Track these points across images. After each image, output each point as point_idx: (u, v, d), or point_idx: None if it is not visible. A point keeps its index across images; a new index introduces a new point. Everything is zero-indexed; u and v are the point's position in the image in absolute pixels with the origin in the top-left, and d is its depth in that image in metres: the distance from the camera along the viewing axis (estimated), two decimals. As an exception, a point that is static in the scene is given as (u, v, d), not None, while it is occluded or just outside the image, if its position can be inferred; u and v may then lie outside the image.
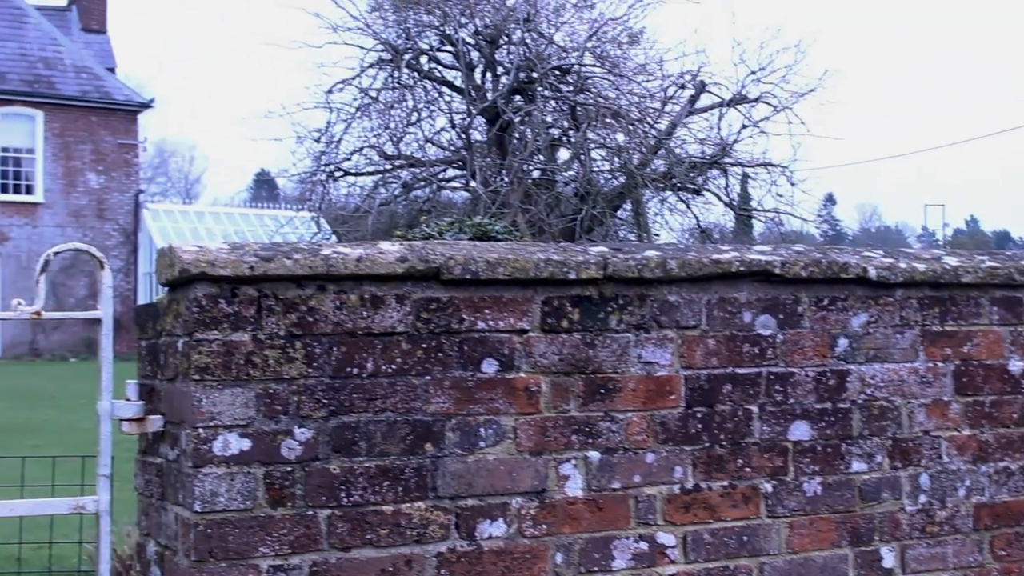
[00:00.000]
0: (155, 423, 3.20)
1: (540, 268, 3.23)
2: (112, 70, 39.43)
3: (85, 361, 33.43)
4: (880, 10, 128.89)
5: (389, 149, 20.48)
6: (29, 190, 35.34)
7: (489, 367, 3.21)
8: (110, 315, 3.26)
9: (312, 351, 3.04)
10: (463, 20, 20.25)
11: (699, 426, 3.44)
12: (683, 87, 20.46)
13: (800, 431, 3.58)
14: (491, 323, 3.21)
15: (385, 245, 3.16)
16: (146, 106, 37.42)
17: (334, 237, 20.32)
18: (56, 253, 3.22)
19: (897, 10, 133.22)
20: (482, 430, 3.19)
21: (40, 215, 35.21)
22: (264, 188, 68.50)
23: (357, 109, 20.33)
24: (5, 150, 35.11)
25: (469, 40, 20.38)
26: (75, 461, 4.82)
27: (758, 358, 3.53)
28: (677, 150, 19.90)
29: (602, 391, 3.33)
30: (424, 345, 3.15)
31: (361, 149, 20.69)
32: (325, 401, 3.05)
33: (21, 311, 3.16)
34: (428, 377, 3.15)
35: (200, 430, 2.93)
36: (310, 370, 3.04)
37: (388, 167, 20.71)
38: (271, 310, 3.00)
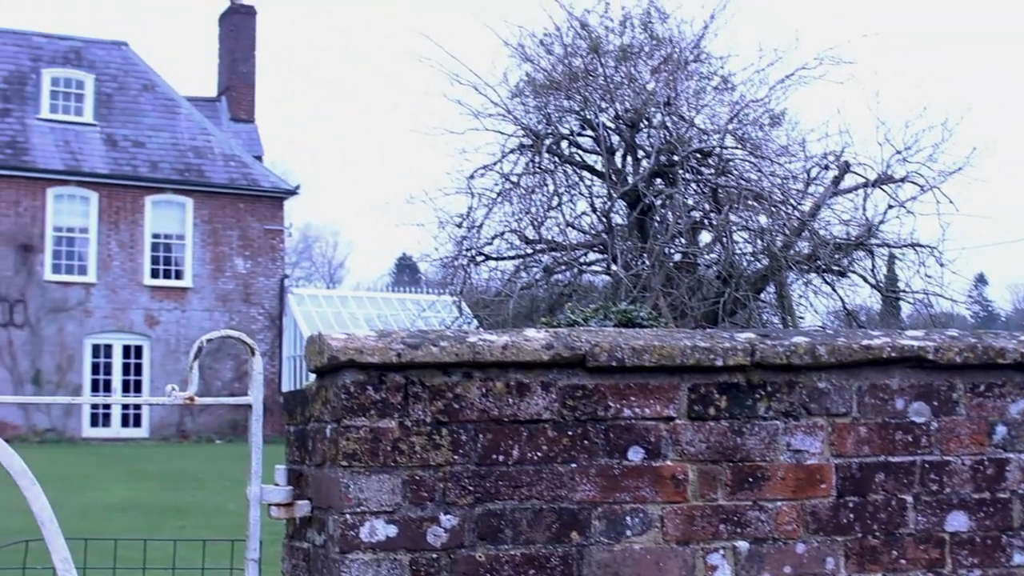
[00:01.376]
0: (303, 508, 3.22)
1: (686, 355, 3.20)
2: (259, 158, 40.48)
3: (230, 443, 34.05)
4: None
5: (530, 233, 20.58)
6: (179, 275, 36.30)
7: (635, 455, 3.17)
8: (260, 401, 3.30)
9: (458, 438, 3.04)
10: (603, 105, 20.35)
11: (851, 516, 3.35)
12: (827, 168, 20.24)
13: (957, 522, 3.46)
14: (637, 410, 3.18)
15: (531, 332, 3.16)
16: (292, 193, 38.26)
17: (475, 321, 20.43)
18: (208, 340, 3.28)
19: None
20: (628, 519, 3.15)
21: (189, 299, 36.12)
22: (406, 272, 69.38)
23: (498, 194, 20.51)
24: (156, 236, 36.16)
25: (609, 124, 20.46)
26: (224, 544, 4.88)
27: (912, 446, 3.43)
28: (821, 231, 19.65)
29: (750, 480, 3.26)
30: (570, 432, 3.13)
31: (502, 233, 20.83)
32: (471, 488, 3.04)
33: (175, 396, 3.22)
34: (574, 465, 3.12)
35: (347, 516, 2.94)
36: (456, 457, 3.04)
37: (529, 251, 20.80)
38: (418, 397, 3.02)
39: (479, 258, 20.98)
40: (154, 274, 35.93)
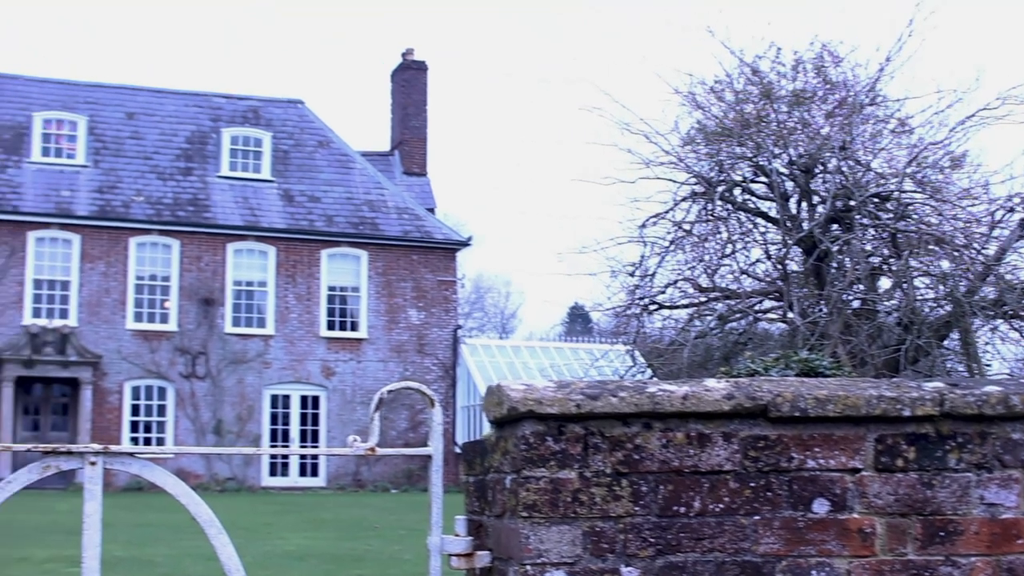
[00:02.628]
0: (483, 559, 3.22)
1: (872, 405, 3.11)
2: (432, 210, 41.06)
3: (405, 492, 34.37)
4: None
5: (703, 281, 20.40)
6: (354, 327, 36.94)
7: (820, 507, 3.10)
8: (440, 452, 3.32)
9: (638, 489, 3.01)
10: (776, 150, 20.10)
11: (1051, 573, 3.21)
12: (1012, 210, 19.64)
13: None
14: (821, 462, 3.11)
15: (711, 382, 3.12)
16: (464, 244, 38.69)
17: (649, 371, 20.30)
18: (389, 391, 3.31)
19: None
20: (814, 572, 3.07)
21: (364, 350, 36.71)
22: (578, 322, 69.40)
23: (671, 242, 20.39)
24: (332, 289, 36.89)
25: (783, 170, 20.21)
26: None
27: (1115, 500, 3.28)
28: (1008, 276, 19.04)
29: (942, 534, 3.15)
30: (752, 484, 3.07)
31: (675, 282, 20.70)
32: (652, 540, 3.00)
33: (357, 447, 3.26)
34: (757, 517, 3.06)
35: (528, 567, 2.93)
36: (636, 508, 3.01)
37: (703, 299, 20.60)
38: (597, 448, 3.00)
39: (652, 307, 20.87)
40: (330, 326, 36.64)
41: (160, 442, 34.49)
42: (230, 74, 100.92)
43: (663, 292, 20.76)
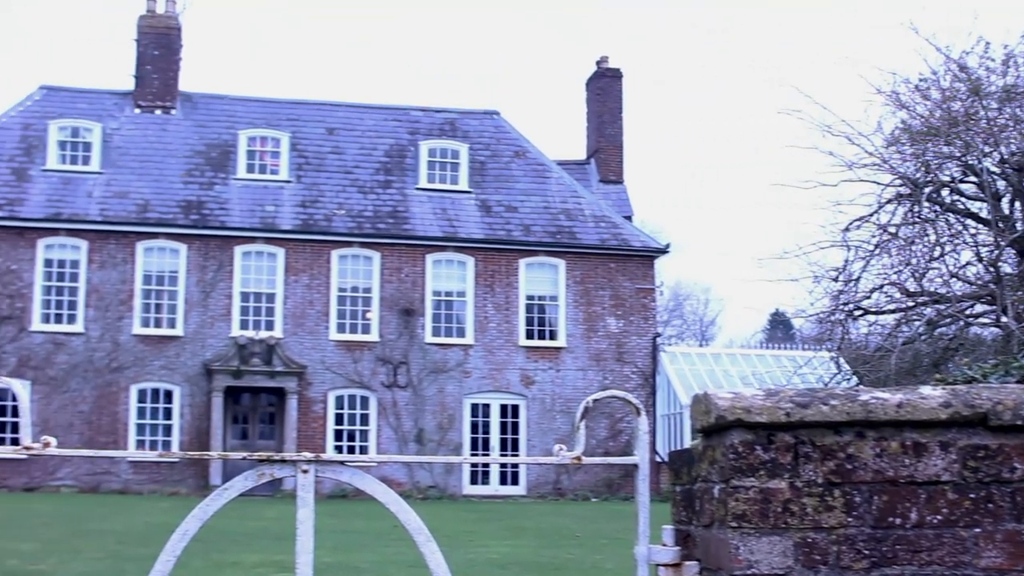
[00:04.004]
0: (691, 569, 3.17)
1: (1102, 412, 2.96)
2: (629, 218, 40.97)
3: (605, 501, 34.31)
4: None
5: (911, 286, 19.90)
6: (553, 335, 37.07)
7: (1046, 520, 2.96)
8: (646, 461, 3.28)
9: (852, 500, 2.93)
10: (987, 149, 19.48)
11: None
12: None
13: None
14: (1047, 472, 2.97)
15: (926, 390, 3.01)
16: (662, 251, 38.46)
17: (854, 378, 19.87)
18: (595, 400, 3.29)
19: None
20: (1041, 588, 2.94)
21: (563, 359, 36.81)
22: (779, 328, 68.43)
23: (876, 246, 19.95)
24: (530, 298, 37.11)
25: (994, 169, 19.58)
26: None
27: None
28: None
29: None
30: (972, 495, 2.95)
31: (881, 287, 20.23)
32: (867, 552, 2.92)
33: (562, 456, 3.25)
34: (977, 529, 2.94)
35: (738, 579, 2.87)
36: (850, 519, 2.92)
37: (910, 304, 20.09)
38: (808, 457, 2.93)
39: (857, 312, 20.44)
40: (529, 335, 36.85)
41: (363, 450, 35.17)
42: (427, 88, 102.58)
43: (868, 297, 20.32)
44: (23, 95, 38.80)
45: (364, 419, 35.68)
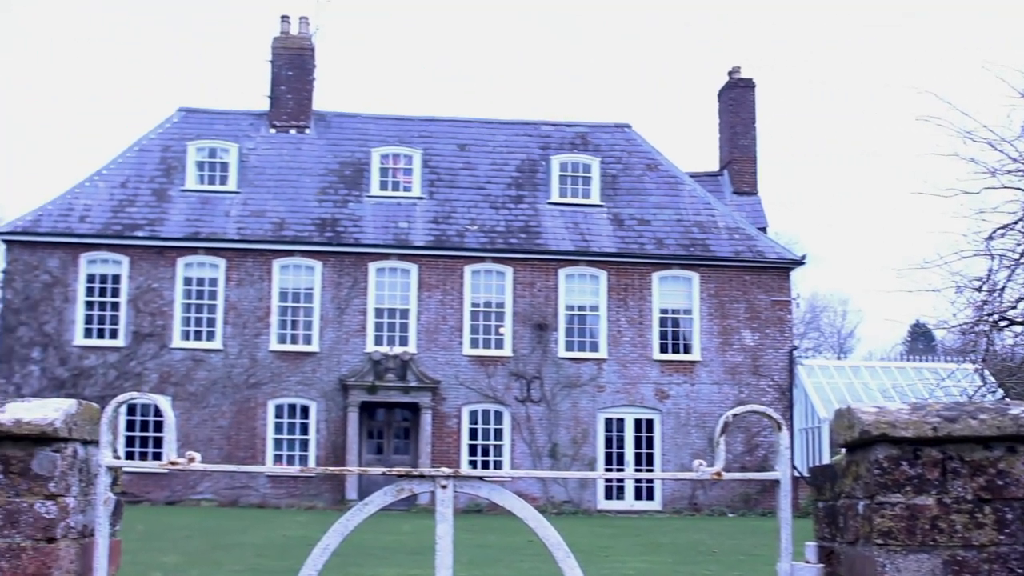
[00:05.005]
0: (835, 589, 3.05)
1: None
2: (763, 229, 40.48)
3: (742, 517, 33.89)
4: None
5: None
6: (687, 349, 36.75)
7: None
8: (788, 477, 3.17)
9: (1003, 516, 2.79)
10: None
11: None
12: None
13: None
14: None
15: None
16: (798, 263, 37.91)
17: (1000, 391, 19.32)
18: (735, 415, 3.20)
19: None
20: None
21: (698, 373, 36.47)
22: (920, 340, 67.07)
23: (1021, 254, 19.37)
24: (664, 311, 36.84)
25: None
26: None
27: None
28: None
29: None
30: None
31: (1027, 296, 19.64)
32: (1019, 571, 2.77)
33: (702, 471, 3.16)
34: None
35: (884, 600, 2.75)
36: (1002, 537, 2.79)
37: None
38: (956, 472, 2.80)
39: (1002, 323, 19.84)
40: (663, 348, 36.59)
41: (497, 465, 35.25)
42: (557, 102, 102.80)
43: (1014, 307, 19.72)
44: (162, 118, 39.77)
45: (498, 434, 35.75)
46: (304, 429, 35.27)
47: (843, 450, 3.08)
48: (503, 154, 39.66)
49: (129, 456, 32.95)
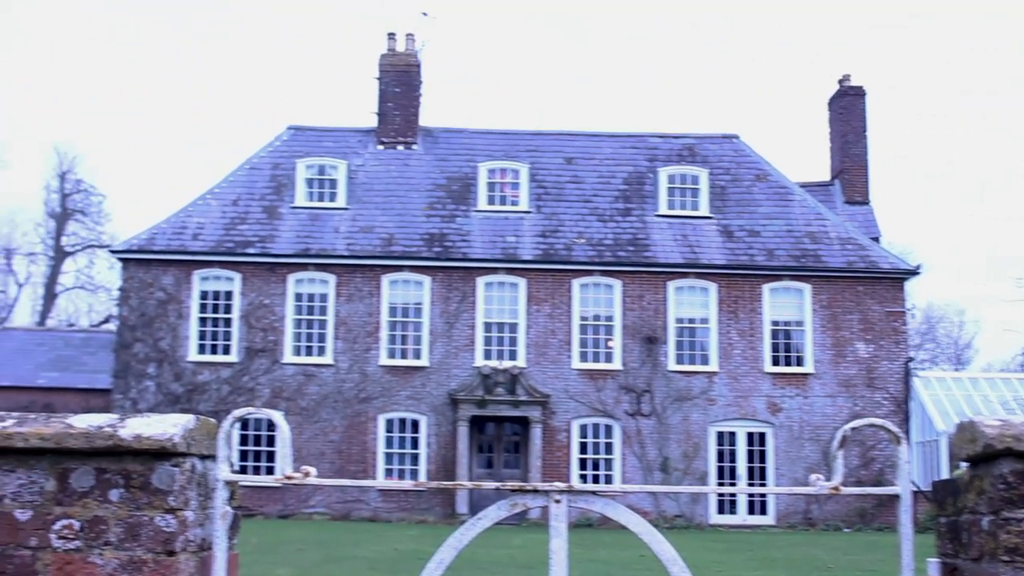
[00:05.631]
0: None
1: None
2: (876, 239, 39.87)
3: (858, 531, 33.36)
4: None
5: None
6: (799, 361, 36.28)
7: None
8: (908, 491, 3.09)
9: None
10: None
11: None
12: None
13: None
14: None
15: None
16: (912, 273, 37.25)
17: None
18: (853, 428, 3.13)
19: None
20: None
21: (810, 385, 35.99)
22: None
23: None
24: (775, 323, 36.42)
25: None
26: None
27: None
28: None
29: None
30: None
31: None
32: None
33: (820, 486, 3.10)
34: None
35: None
36: None
37: None
38: (1088, 487, 2.70)
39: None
40: (775, 361, 36.17)
41: (608, 479, 35.11)
42: (664, 114, 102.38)
43: None
44: (271, 136, 40.36)
45: (608, 448, 35.61)
46: (414, 443, 35.46)
47: (964, 464, 3.00)
48: (610, 167, 39.58)
49: (242, 470, 33.40)
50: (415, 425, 35.55)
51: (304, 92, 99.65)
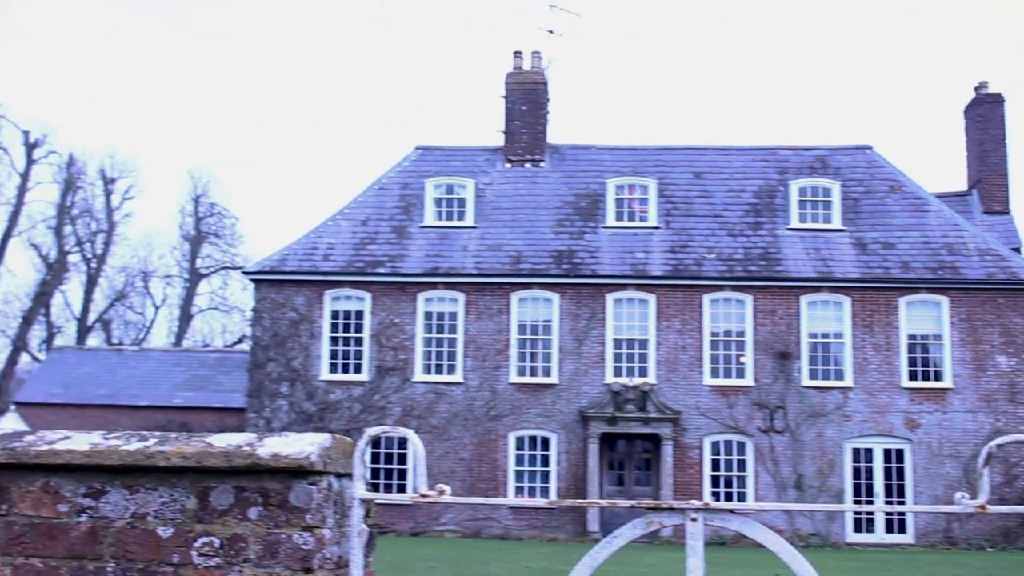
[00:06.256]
0: None
1: None
2: (1017, 250, 38.85)
3: (1002, 551, 32.46)
4: None
5: None
6: (938, 376, 35.45)
7: None
8: (1074, 510, 2.91)
9: None
10: None
11: None
12: None
13: None
14: None
15: None
16: (1054, 284, 36.16)
17: None
18: (999, 445, 2.96)
19: None
20: None
21: (950, 400, 35.13)
22: None
23: None
24: (912, 337, 35.65)
25: None
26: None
27: None
28: None
29: None
30: None
31: None
32: None
33: (965, 504, 2.93)
34: None
35: None
36: None
37: None
38: None
39: None
40: (912, 376, 35.39)
41: (740, 497, 34.67)
42: (795, 127, 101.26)
43: None
44: (399, 156, 40.78)
45: (741, 465, 35.17)
46: (544, 461, 35.41)
47: None
48: (739, 180, 39.19)
49: (372, 488, 33.66)
50: (545, 443, 35.50)
51: (431, 111, 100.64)
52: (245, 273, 39.28)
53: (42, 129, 66.73)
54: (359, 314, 36.57)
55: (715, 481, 35.06)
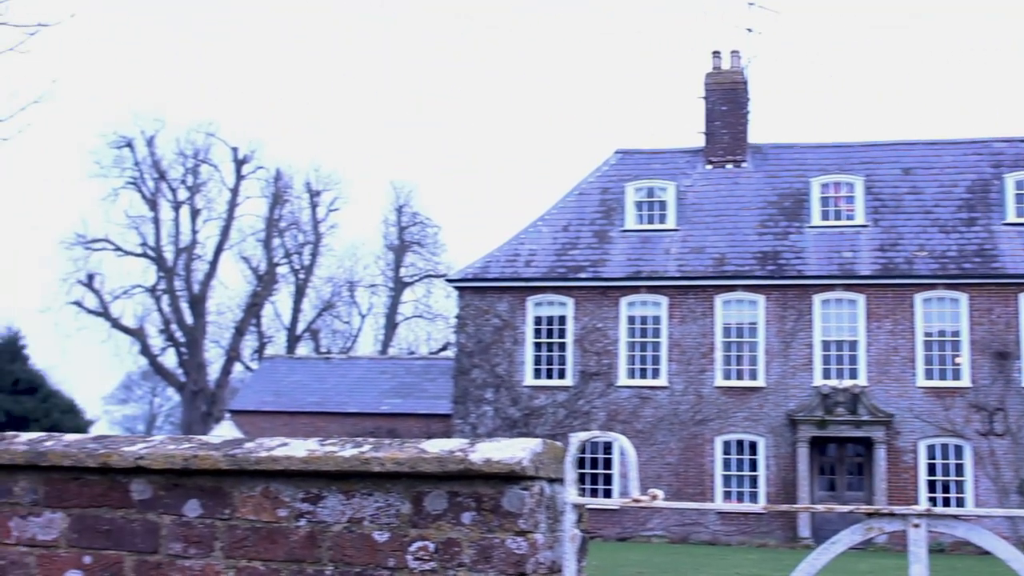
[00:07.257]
0: None
1: None
2: None
3: None
4: None
5: None
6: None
7: None
8: None
9: None
10: None
11: None
12: None
13: None
14: None
15: None
16: None
17: None
18: None
19: None
20: None
21: None
22: None
23: None
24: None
25: None
26: None
27: None
28: None
29: None
30: None
31: None
32: None
33: None
34: None
35: None
36: None
37: None
38: None
39: None
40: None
41: (959, 502, 33.60)
42: (1011, 117, 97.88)
43: None
44: (599, 161, 40.82)
45: (958, 469, 34.08)
46: (752, 465, 34.97)
47: None
48: (951, 175, 38.03)
49: (580, 493, 33.74)
50: (752, 447, 35.06)
51: (628, 114, 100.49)
52: (448, 281, 39.87)
53: (250, 145, 68.77)
54: (562, 319, 36.73)
55: (931, 486, 34.07)
